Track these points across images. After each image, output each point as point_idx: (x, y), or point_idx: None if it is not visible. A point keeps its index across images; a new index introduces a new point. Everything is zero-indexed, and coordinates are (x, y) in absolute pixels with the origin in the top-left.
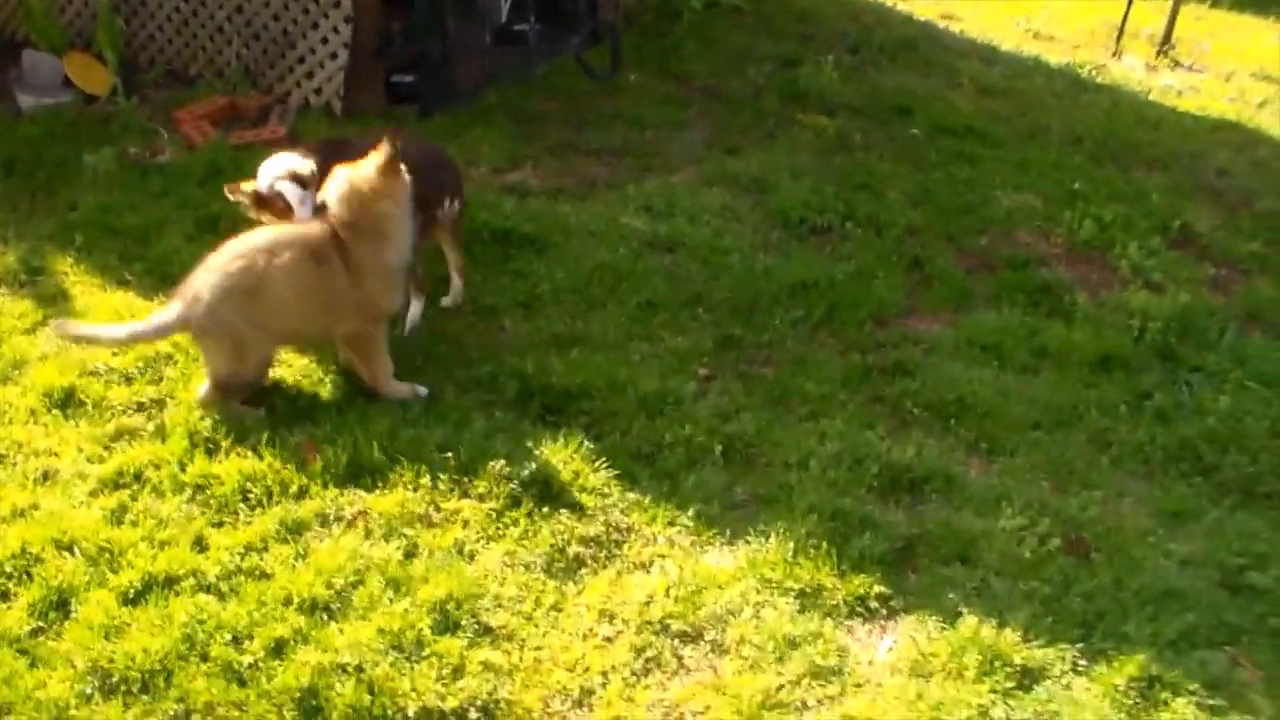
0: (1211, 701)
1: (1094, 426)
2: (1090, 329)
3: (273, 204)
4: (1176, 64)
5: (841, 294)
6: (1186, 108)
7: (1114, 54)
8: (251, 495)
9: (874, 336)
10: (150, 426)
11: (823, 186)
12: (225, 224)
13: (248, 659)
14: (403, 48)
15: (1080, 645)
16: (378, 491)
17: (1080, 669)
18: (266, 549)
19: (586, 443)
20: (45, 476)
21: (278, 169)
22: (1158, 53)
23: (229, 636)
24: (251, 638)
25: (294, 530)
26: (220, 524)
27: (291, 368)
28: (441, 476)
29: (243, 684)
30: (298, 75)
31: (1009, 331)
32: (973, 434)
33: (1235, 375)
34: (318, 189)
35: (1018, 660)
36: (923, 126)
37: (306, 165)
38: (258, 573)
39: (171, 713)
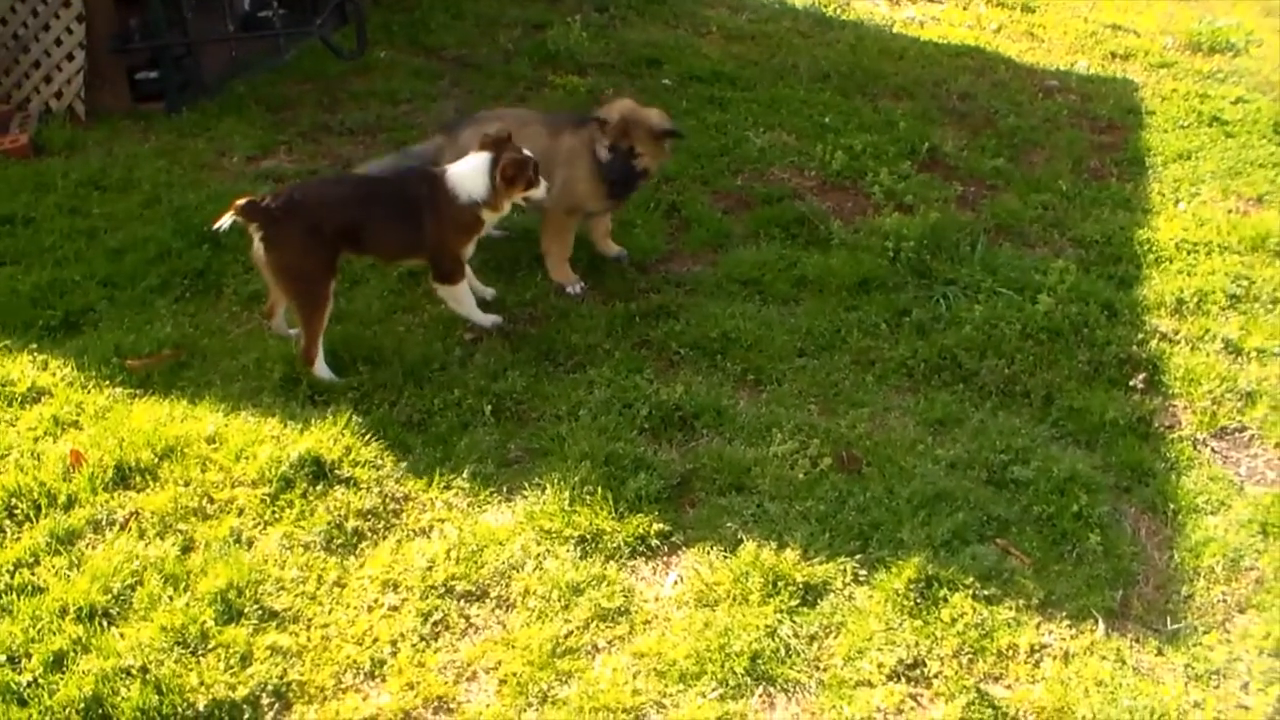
0: (986, 592)
1: (857, 347)
2: (847, 254)
3: None
4: None
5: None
6: (929, 37)
7: None
8: (18, 510)
9: (636, 283)
10: None
11: None
12: None
13: (26, 677)
14: (142, 43)
15: (859, 556)
16: (149, 491)
17: (861, 579)
18: (38, 562)
19: (355, 417)
20: None
21: None
22: None
23: (3, 657)
24: (29, 655)
25: (65, 540)
26: None
27: (55, 376)
28: (212, 468)
29: (23, 703)
30: (35, 80)
31: (768, 265)
32: (739, 367)
33: (987, 284)
34: None
35: (799, 579)
36: (673, 76)
37: None
38: (30, 588)
39: None
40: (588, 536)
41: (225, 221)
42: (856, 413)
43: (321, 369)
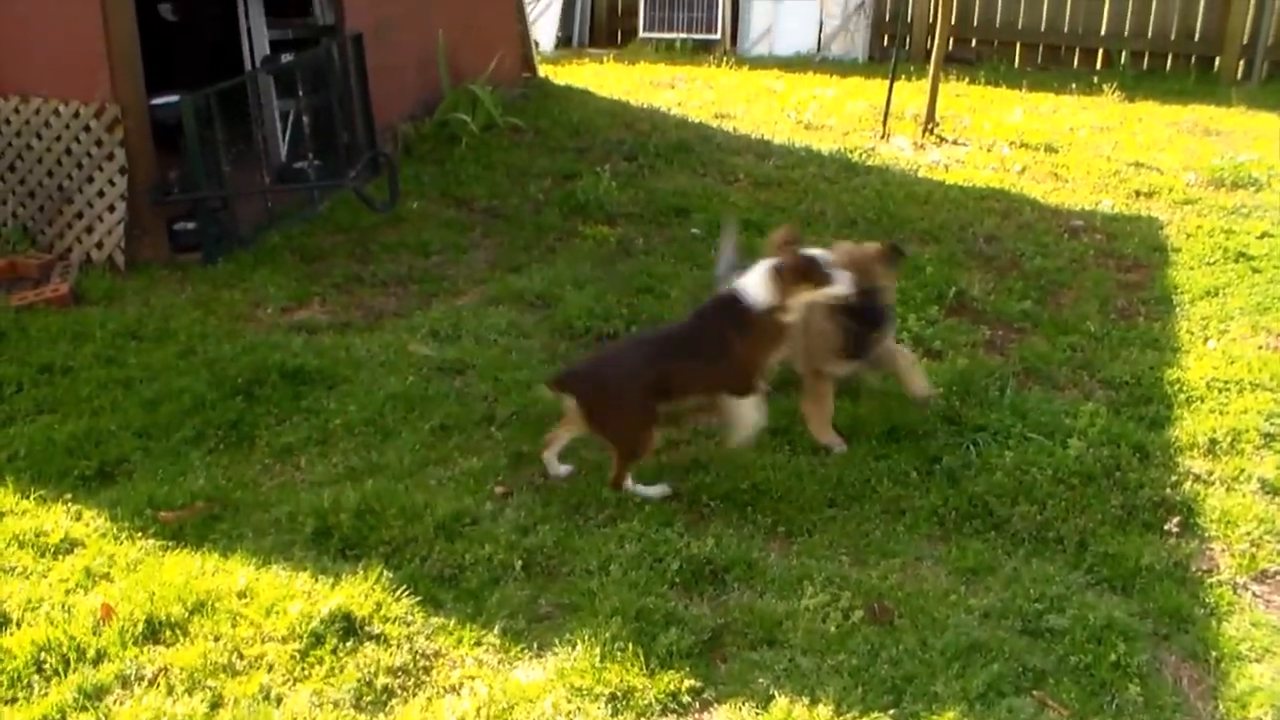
0: None
1: (887, 496)
2: (876, 402)
3: None
4: (941, 140)
5: None
6: (954, 180)
7: (882, 136)
8: (46, 665)
9: (667, 437)
10: None
11: (606, 294)
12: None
13: None
14: (181, 195)
15: (892, 711)
16: (179, 646)
17: None
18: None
19: (386, 572)
20: None
21: None
22: (923, 131)
23: None
24: None
25: (93, 696)
26: (13, 700)
27: (88, 527)
28: (242, 623)
29: None
30: (77, 231)
31: (798, 414)
32: (770, 519)
33: (1017, 430)
34: None
35: None
36: (702, 225)
37: None
38: None
39: None
40: (619, 694)
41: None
42: (888, 563)
43: (636, 486)
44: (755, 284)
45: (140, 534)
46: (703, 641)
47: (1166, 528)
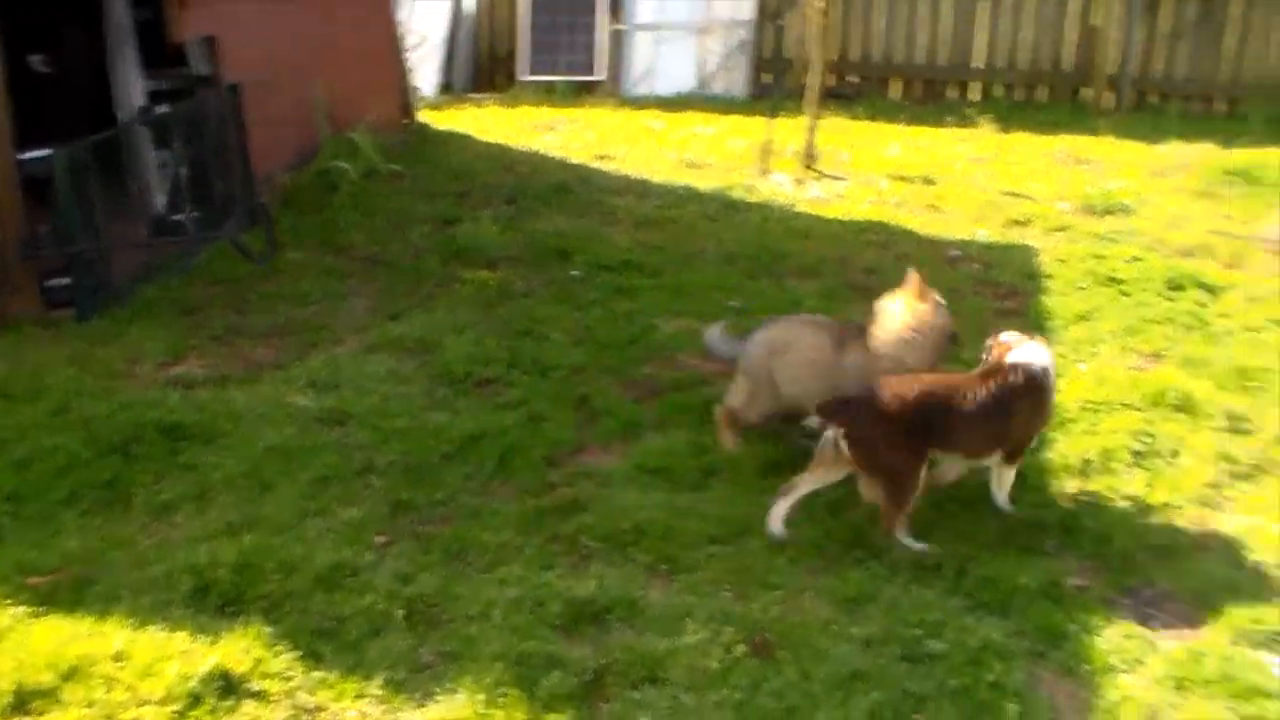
0: None
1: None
2: (756, 438)
3: None
4: (821, 175)
5: (512, 441)
6: (833, 215)
7: (763, 173)
8: None
9: (547, 478)
10: None
11: (486, 339)
12: None
13: None
14: (53, 250)
15: None
16: (49, 715)
17: None
18: None
19: (265, 628)
20: None
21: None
22: (803, 167)
23: None
24: None
25: None
26: None
27: None
28: (118, 687)
29: None
30: None
31: (676, 453)
32: (651, 557)
33: None
34: None
35: None
36: (581, 266)
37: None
38: None
39: None
40: None
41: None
42: (770, 596)
43: (906, 539)
44: (1039, 354)
45: (9, 601)
46: (585, 683)
47: (1043, 549)
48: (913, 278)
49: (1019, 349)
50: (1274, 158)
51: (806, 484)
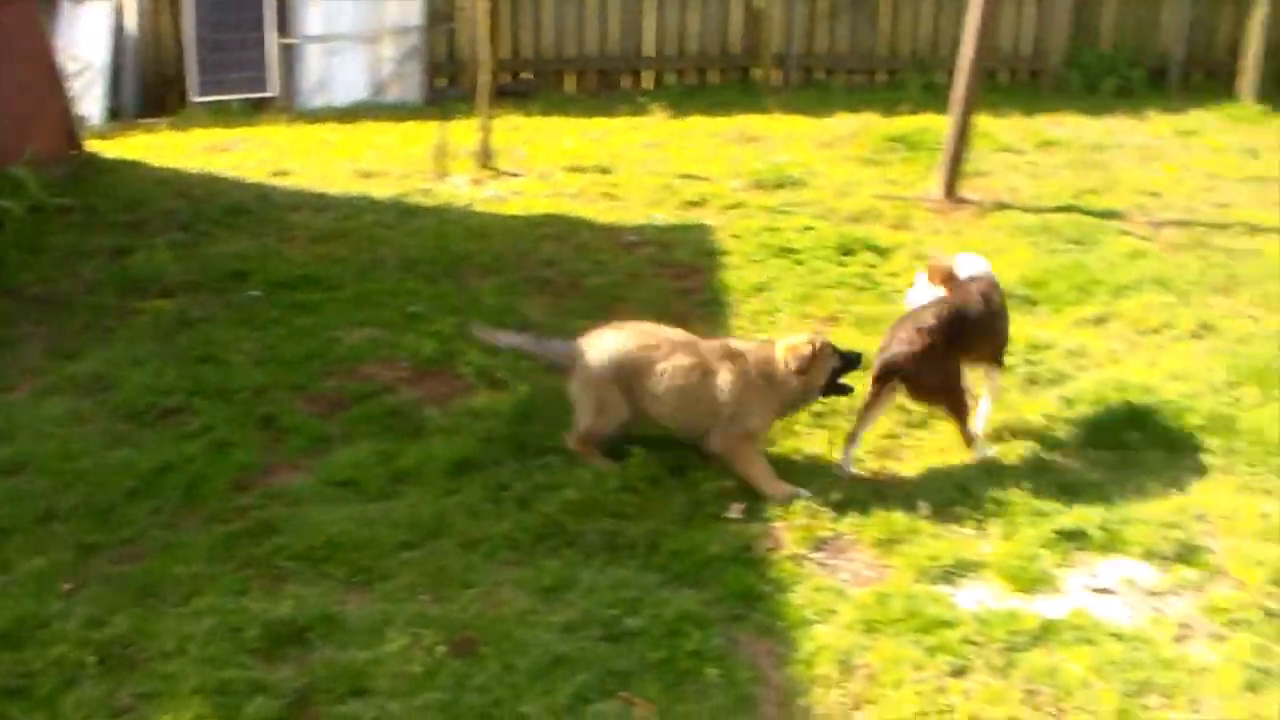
0: None
1: (462, 529)
2: (443, 440)
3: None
4: (498, 173)
5: (199, 470)
6: (511, 211)
7: (440, 177)
8: None
9: (236, 503)
10: None
11: (166, 369)
12: None
13: None
14: None
15: None
16: None
17: None
18: None
19: None
20: None
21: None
22: (479, 167)
23: None
24: None
25: None
26: None
27: None
28: None
29: None
30: None
31: (366, 464)
32: (347, 570)
33: None
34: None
35: None
36: (260, 286)
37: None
38: None
39: None
40: None
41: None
42: (467, 594)
43: (985, 448)
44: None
45: None
46: (289, 704)
47: (729, 515)
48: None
49: (965, 262)
50: (931, 122)
51: (867, 426)
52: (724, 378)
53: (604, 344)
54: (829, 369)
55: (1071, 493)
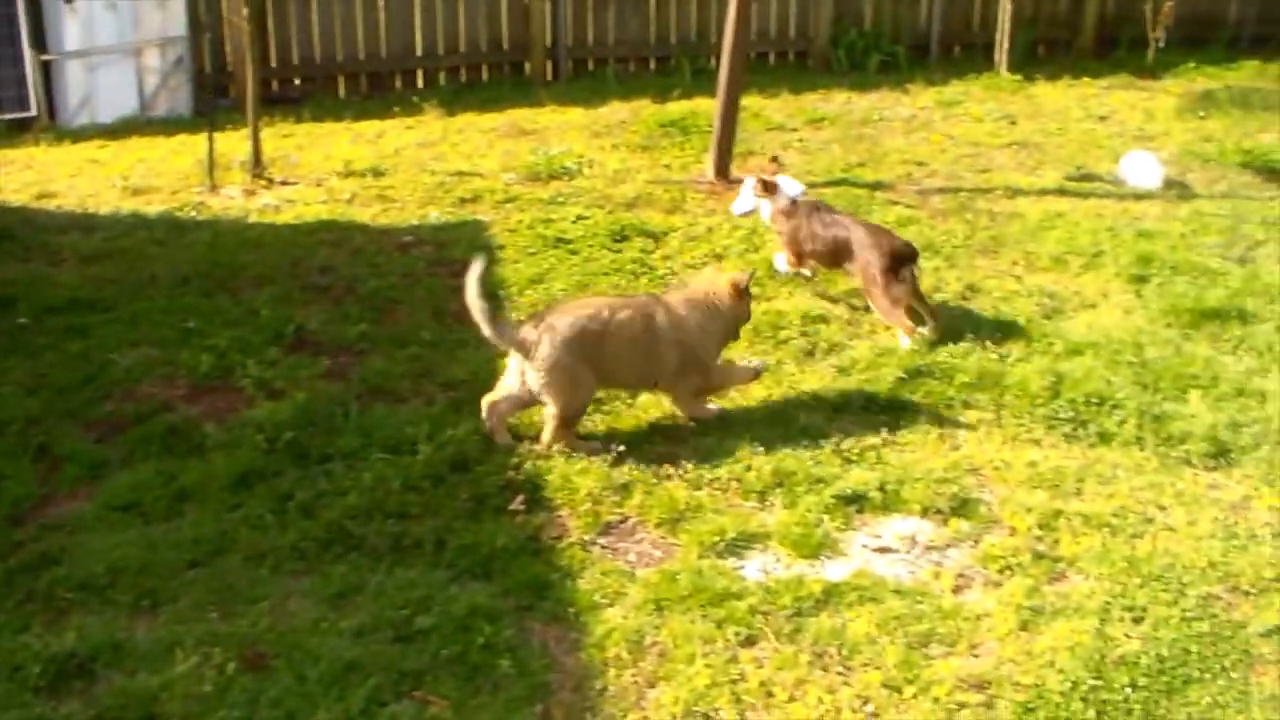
0: None
1: (246, 543)
2: (224, 455)
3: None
4: (271, 183)
5: None
6: (285, 220)
7: (211, 189)
8: None
9: (13, 537)
10: None
11: None
12: None
13: None
14: None
15: None
16: None
17: None
18: None
19: None
20: None
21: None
22: (252, 177)
23: None
24: None
25: None
26: None
27: None
28: None
29: None
30: None
31: (146, 485)
32: (131, 595)
33: (366, 450)
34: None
35: None
36: (28, 313)
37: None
38: None
39: None
40: None
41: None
42: (256, 609)
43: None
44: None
45: None
46: None
47: (512, 507)
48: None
49: (786, 183)
50: (703, 106)
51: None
52: (665, 323)
53: (559, 326)
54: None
55: (850, 458)
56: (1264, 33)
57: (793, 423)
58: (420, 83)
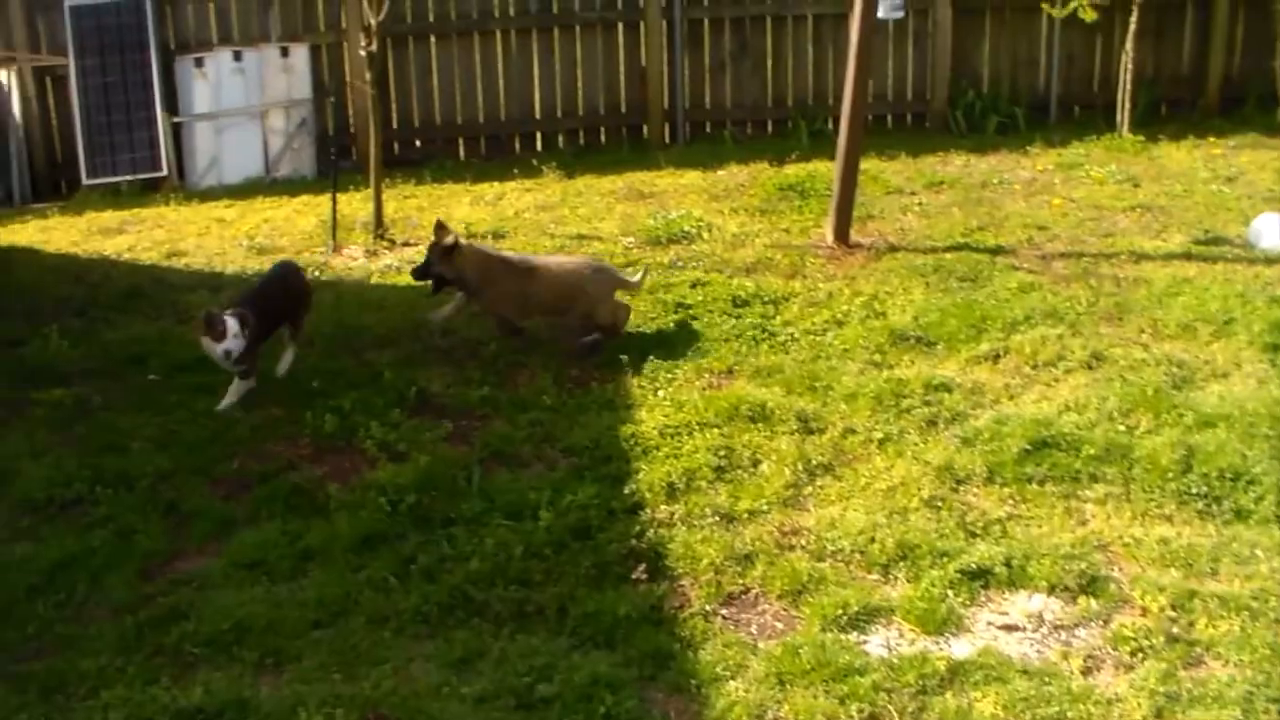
0: None
1: (370, 606)
2: (347, 516)
3: None
4: (393, 244)
5: (103, 561)
6: (406, 282)
7: (334, 250)
8: None
9: (143, 591)
10: None
11: (65, 459)
12: None
13: None
14: None
15: None
16: None
17: None
18: None
19: None
20: None
21: None
22: (373, 238)
23: None
24: None
25: None
26: None
27: None
28: None
29: None
30: None
31: (270, 544)
32: (257, 653)
33: (489, 515)
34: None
35: None
36: (159, 370)
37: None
38: None
39: None
40: None
41: None
42: (379, 671)
43: None
44: None
45: None
46: None
47: (635, 576)
48: None
49: None
50: (820, 169)
51: None
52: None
53: (598, 272)
54: None
55: (974, 531)
56: None
57: (916, 494)
58: (539, 145)
